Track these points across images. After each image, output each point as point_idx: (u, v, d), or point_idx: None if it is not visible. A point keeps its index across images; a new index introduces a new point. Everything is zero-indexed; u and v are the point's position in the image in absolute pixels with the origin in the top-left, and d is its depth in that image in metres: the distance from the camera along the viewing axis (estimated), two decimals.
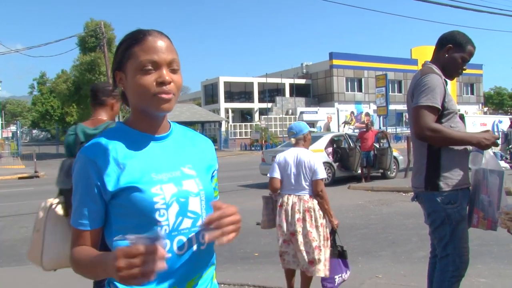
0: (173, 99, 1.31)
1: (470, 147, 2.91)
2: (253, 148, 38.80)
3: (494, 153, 13.98)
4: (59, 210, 2.86)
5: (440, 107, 2.76)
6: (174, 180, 1.31)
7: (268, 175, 4.17)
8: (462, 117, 18.77)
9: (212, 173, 1.48)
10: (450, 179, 2.78)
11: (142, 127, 1.36)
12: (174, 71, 1.31)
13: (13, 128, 52.99)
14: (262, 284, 4.70)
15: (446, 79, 2.95)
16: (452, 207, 2.77)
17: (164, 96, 1.28)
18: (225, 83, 48.48)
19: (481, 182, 2.82)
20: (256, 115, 48.83)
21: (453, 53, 2.93)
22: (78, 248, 1.29)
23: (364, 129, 14.40)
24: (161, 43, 1.30)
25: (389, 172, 14.40)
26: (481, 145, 2.78)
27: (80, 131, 3.03)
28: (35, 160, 22.10)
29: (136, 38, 1.31)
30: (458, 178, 2.79)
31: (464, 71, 3.01)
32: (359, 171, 13.95)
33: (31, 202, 11.86)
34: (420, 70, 3.00)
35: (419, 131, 2.77)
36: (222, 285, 4.58)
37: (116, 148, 1.30)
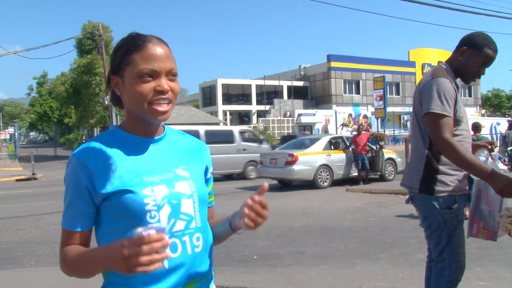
0: (170, 109, 1.31)
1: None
2: None
3: (493, 155, 14.00)
4: None
5: (452, 115, 2.62)
6: (166, 182, 1.30)
7: None
8: None
9: (207, 176, 1.48)
10: (447, 184, 2.71)
11: (136, 130, 1.36)
12: (172, 79, 1.31)
13: (10, 130, 52.89)
14: (261, 287, 4.68)
15: (458, 83, 2.80)
16: (449, 212, 2.71)
17: (160, 108, 1.28)
18: (223, 85, 48.53)
19: (482, 191, 2.75)
20: (254, 117, 48.87)
21: (467, 56, 2.72)
22: (69, 247, 1.29)
23: (357, 133, 14.54)
24: (160, 51, 1.29)
25: (380, 173, 14.53)
26: (497, 189, 2.46)
27: None
28: (33, 162, 22.08)
29: (136, 44, 1.30)
30: (455, 184, 2.72)
31: (482, 75, 2.78)
32: (356, 174, 14.04)
33: (29, 205, 11.83)
34: (431, 70, 2.82)
35: (434, 141, 2.65)
36: None
37: (108, 151, 1.30)
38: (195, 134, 16.98)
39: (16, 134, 37.63)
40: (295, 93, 48.87)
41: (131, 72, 1.28)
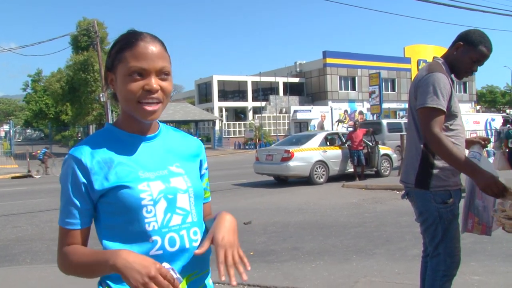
0: (160, 108, 1.31)
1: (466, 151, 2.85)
2: (247, 147, 38.83)
3: (487, 151, 14.05)
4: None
5: (445, 110, 2.64)
6: (161, 178, 1.32)
7: None
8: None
9: (201, 171, 1.49)
10: (442, 179, 2.72)
11: (131, 128, 1.37)
12: (163, 78, 1.31)
13: (6, 127, 52.63)
14: (257, 283, 4.69)
15: (453, 78, 2.82)
16: (444, 207, 2.73)
17: (148, 108, 1.29)
18: (218, 81, 48.42)
19: (475, 187, 2.74)
20: (250, 114, 48.84)
21: (462, 52, 2.76)
22: (70, 247, 1.29)
23: (353, 129, 14.57)
24: (152, 50, 1.29)
25: (376, 169, 14.57)
26: (480, 186, 2.51)
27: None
28: (28, 159, 22.02)
29: (128, 42, 1.30)
30: (450, 179, 2.74)
31: (474, 72, 2.84)
32: (352, 170, 14.07)
33: (25, 202, 11.80)
34: (428, 65, 2.84)
35: (424, 134, 2.68)
36: (217, 284, 4.56)
37: (104, 149, 1.31)
38: (378, 125, 19.70)
39: (11, 131, 37.44)
40: (291, 89, 48.83)
41: (122, 69, 1.29)
